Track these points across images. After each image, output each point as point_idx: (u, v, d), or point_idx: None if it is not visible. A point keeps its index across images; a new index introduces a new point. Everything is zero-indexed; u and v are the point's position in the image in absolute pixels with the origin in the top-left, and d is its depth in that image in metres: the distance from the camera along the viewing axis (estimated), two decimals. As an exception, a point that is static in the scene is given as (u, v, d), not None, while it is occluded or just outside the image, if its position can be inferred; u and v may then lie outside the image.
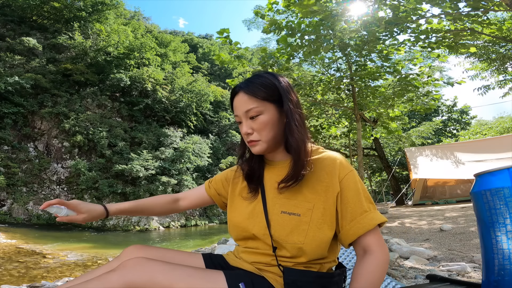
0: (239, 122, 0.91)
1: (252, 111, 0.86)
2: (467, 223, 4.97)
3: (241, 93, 0.88)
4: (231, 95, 0.93)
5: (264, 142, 0.87)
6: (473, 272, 2.38)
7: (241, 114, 0.88)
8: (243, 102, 0.87)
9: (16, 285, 4.20)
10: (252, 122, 0.87)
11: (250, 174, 0.95)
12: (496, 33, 5.85)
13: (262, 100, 0.86)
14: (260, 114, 0.86)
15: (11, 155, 17.87)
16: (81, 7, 24.75)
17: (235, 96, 0.90)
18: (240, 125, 0.90)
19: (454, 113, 26.48)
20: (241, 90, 0.88)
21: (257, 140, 0.87)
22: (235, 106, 0.90)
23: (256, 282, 0.83)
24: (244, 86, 0.88)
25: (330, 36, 6.14)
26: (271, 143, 0.89)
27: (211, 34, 58.71)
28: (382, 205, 15.29)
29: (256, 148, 0.88)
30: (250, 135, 0.88)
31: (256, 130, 0.87)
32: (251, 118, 0.87)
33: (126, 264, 0.75)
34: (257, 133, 0.87)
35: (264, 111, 0.86)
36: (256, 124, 0.86)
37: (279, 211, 0.85)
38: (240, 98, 0.88)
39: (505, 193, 0.70)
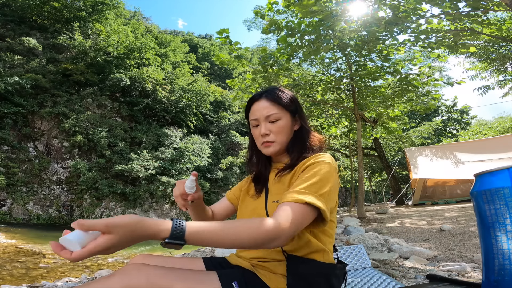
0: (255, 125, 1.02)
1: (273, 116, 0.99)
2: (467, 223, 4.97)
3: (262, 100, 1.01)
4: (249, 102, 1.04)
5: (278, 144, 1.00)
6: (473, 272, 2.38)
7: (261, 118, 1.00)
8: (265, 107, 1.00)
9: (16, 285, 4.20)
10: (271, 125, 0.99)
11: (257, 176, 1.08)
12: (496, 33, 5.85)
13: (282, 107, 1.00)
14: (279, 119, 0.99)
15: (11, 155, 17.87)
16: (81, 7, 24.74)
17: (254, 102, 1.03)
18: (256, 128, 1.02)
19: (454, 113, 26.48)
20: (264, 97, 1.01)
21: (273, 141, 0.99)
22: (255, 109, 1.02)
23: (249, 280, 0.87)
24: (266, 94, 1.02)
25: (330, 36, 6.14)
26: (283, 146, 1.01)
27: (211, 34, 58.74)
28: (382, 205, 15.29)
29: (270, 149, 1.00)
30: (267, 136, 0.99)
31: (274, 132, 0.99)
32: (270, 122, 0.99)
33: (125, 269, 0.79)
34: (274, 135, 0.99)
35: (282, 117, 1.00)
36: (275, 127, 0.99)
37: (271, 201, 0.97)
38: (262, 104, 1.00)
39: (505, 193, 0.70)
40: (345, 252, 2.19)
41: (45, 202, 17.71)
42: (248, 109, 1.05)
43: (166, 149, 21.79)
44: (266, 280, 0.87)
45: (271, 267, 0.90)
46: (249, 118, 1.04)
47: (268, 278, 0.88)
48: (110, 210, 18.33)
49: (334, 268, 0.89)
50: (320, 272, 0.87)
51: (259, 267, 0.91)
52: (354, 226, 5.22)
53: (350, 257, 2.15)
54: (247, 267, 0.92)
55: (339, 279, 0.91)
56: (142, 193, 18.93)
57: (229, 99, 31.23)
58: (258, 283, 0.87)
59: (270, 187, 1.02)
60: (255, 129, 1.03)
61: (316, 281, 0.86)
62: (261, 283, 0.87)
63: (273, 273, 0.89)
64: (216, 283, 0.81)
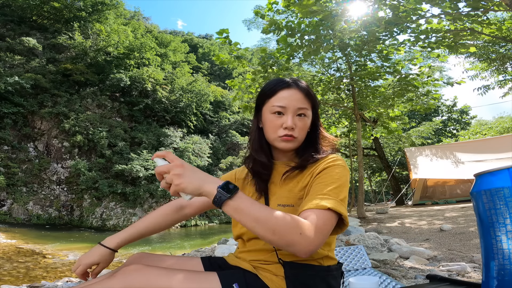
0: (278, 112, 0.91)
1: (304, 110, 0.92)
2: (467, 223, 4.97)
3: (295, 89, 0.92)
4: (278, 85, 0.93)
5: (298, 141, 0.93)
6: (473, 272, 2.38)
7: (291, 107, 0.90)
8: (300, 98, 0.92)
9: (16, 285, 4.20)
10: (298, 120, 0.91)
11: (259, 173, 0.97)
12: (496, 33, 5.85)
13: (312, 104, 0.95)
14: (306, 115, 0.93)
15: (11, 155, 17.87)
16: (81, 7, 24.74)
17: (284, 88, 0.93)
18: (279, 116, 0.91)
19: (454, 113, 26.48)
20: (299, 87, 0.93)
21: (296, 136, 0.91)
22: (284, 96, 0.91)
23: (250, 281, 0.85)
24: (299, 84, 0.94)
25: (330, 36, 6.14)
26: (300, 144, 0.95)
27: (211, 34, 58.73)
28: (382, 205, 15.29)
29: (290, 144, 0.92)
30: (292, 130, 0.90)
31: (298, 128, 0.91)
32: (298, 116, 0.91)
33: (126, 270, 0.79)
34: (298, 131, 0.91)
35: (308, 114, 0.94)
36: (301, 123, 0.92)
37: (275, 205, 0.90)
38: (296, 94, 0.92)
39: (505, 193, 0.70)
40: (345, 252, 2.19)
41: (45, 202, 17.71)
42: (272, 93, 0.93)
43: (166, 149, 21.78)
44: (268, 282, 0.86)
45: (272, 269, 0.88)
46: (272, 103, 0.92)
47: (269, 280, 0.87)
48: (110, 210, 18.33)
49: (331, 270, 0.88)
50: (318, 275, 0.86)
51: (261, 269, 0.90)
52: (354, 226, 5.22)
53: (350, 257, 2.15)
54: (248, 268, 0.91)
55: (337, 279, 0.90)
56: (142, 193, 18.93)
57: (229, 99, 31.23)
58: (260, 285, 0.86)
59: (272, 188, 0.95)
60: (276, 117, 0.91)
61: (315, 284, 0.85)
62: (263, 284, 0.86)
63: (274, 275, 0.87)
64: (217, 284, 0.80)
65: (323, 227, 0.73)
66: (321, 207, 0.75)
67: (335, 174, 0.84)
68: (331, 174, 0.84)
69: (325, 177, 0.84)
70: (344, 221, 0.80)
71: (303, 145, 0.96)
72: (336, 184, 0.82)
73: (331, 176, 0.84)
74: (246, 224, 0.70)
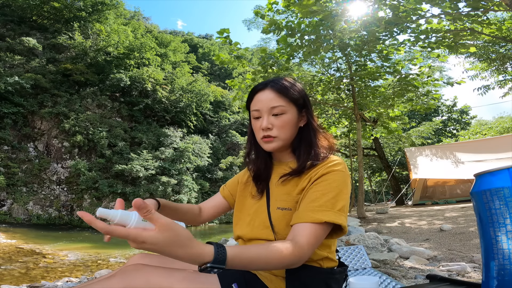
0: (257, 117, 0.92)
1: (278, 108, 0.89)
2: (467, 223, 4.97)
3: (268, 90, 0.91)
4: (252, 91, 0.94)
5: (280, 140, 0.91)
6: (473, 272, 2.38)
7: (264, 109, 0.90)
8: (270, 98, 0.90)
9: (16, 285, 4.20)
10: (274, 119, 0.90)
11: (257, 174, 0.99)
12: (496, 33, 5.85)
13: (288, 100, 0.90)
14: (284, 113, 0.90)
15: (11, 155, 17.88)
16: (81, 7, 24.75)
17: (259, 91, 0.93)
18: (258, 120, 0.92)
19: (454, 113, 26.47)
20: (269, 87, 0.91)
21: (275, 136, 0.90)
22: (258, 100, 0.92)
23: (249, 281, 0.86)
24: (272, 84, 0.92)
25: (330, 36, 6.14)
26: (286, 142, 0.93)
27: (211, 34, 58.73)
28: (382, 205, 15.29)
29: (271, 145, 0.91)
30: (269, 131, 0.90)
31: (277, 127, 0.90)
32: (274, 115, 0.90)
33: (125, 270, 0.79)
34: (277, 130, 0.90)
35: (288, 111, 0.90)
36: (278, 121, 0.90)
37: (275, 208, 0.91)
38: (267, 94, 0.91)
39: (505, 193, 0.70)
40: (345, 252, 2.19)
41: (45, 202, 17.71)
42: (251, 99, 0.95)
43: (166, 149, 21.79)
44: (267, 282, 0.87)
45: (275, 271, 0.88)
46: (251, 109, 0.94)
47: (269, 280, 0.87)
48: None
49: (333, 273, 0.88)
50: (319, 277, 0.86)
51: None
52: (354, 226, 5.22)
53: (350, 257, 2.15)
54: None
55: (339, 282, 0.90)
56: (142, 193, 18.93)
57: (229, 99, 31.23)
58: (259, 284, 0.86)
59: (272, 189, 0.95)
60: (256, 121, 0.93)
61: (315, 285, 0.85)
62: (262, 284, 0.86)
63: (273, 275, 0.88)
64: (216, 284, 0.81)
65: (315, 242, 0.77)
66: (316, 221, 0.77)
67: (332, 182, 0.84)
68: (329, 182, 0.84)
69: (323, 185, 0.83)
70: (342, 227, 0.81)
71: (296, 143, 0.94)
72: (334, 193, 0.82)
73: (329, 184, 0.83)
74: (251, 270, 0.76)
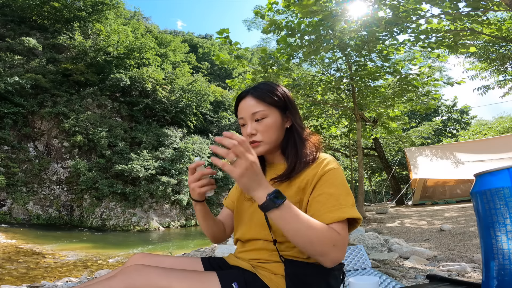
0: (243, 124, 0.97)
1: (258, 113, 0.93)
2: (467, 223, 4.97)
3: (248, 97, 0.96)
4: (237, 100, 0.99)
5: (266, 143, 0.94)
6: (473, 272, 2.38)
7: (247, 116, 0.94)
8: (251, 105, 0.94)
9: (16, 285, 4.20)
10: (257, 124, 0.94)
11: None
12: (496, 33, 5.85)
13: (268, 104, 0.94)
14: (265, 117, 0.93)
15: (11, 155, 17.87)
16: (81, 7, 24.74)
17: (241, 100, 0.97)
18: (244, 127, 0.96)
19: (454, 113, 26.46)
20: (249, 94, 0.96)
21: (260, 141, 0.93)
22: (241, 108, 0.97)
23: (249, 281, 0.86)
24: (252, 91, 0.96)
25: (330, 36, 6.14)
26: (272, 145, 0.95)
27: (211, 34, 58.70)
28: (382, 205, 15.29)
29: (258, 149, 0.94)
30: (254, 136, 0.93)
31: (260, 131, 0.93)
32: (256, 121, 0.94)
33: (126, 270, 0.80)
34: (261, 135, 0.93)
35: (269, 114, 0.94)
36: (261, 126, 0.93)
37: None
38: (248, 102, 0.95)
39: (505, 193, 0.70)
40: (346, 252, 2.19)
41: (45, 202, 17.71)
42: (236, 109, 1.00)
43: (166, 149, 21.79)
44: (267, 281, 0.87)
45: (271, 268, 0.89)
46: (237, 117, 0.99)
47: (268, 279, 0.87)
48: (110, 210, 18.33)
49: (332, 270, 0.88)
50: (319, 274, 0.86)
51: (260, 268, 0.91)
52: (354, 226, 5.20)
53: (350, 257, 2.15)
54: (247, 267, 0.92)
55: (338, 279, 0.91)
56: (142, 193, 18.93)
57: (229, 99, 31.24)
58: (259, 284, 0.86)
59: None
60: (243, 129, 0.97)
61: (315, 283, 0.85)
62: (262, 283, 0.87)
63: (273, 274, 0.88)
64: (216, 283, 0.81)
65: (347, 238, 0.82)
66: (338, 219, 0.81)
67: (334, 180, 0.87)
68: (333, 183, 0.87)
69: (327, 186, 0.86)
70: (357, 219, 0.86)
71: (285, 146, 0.97)
72: (340, 190, 0.86)
73: (332, 183, 0.87)
74: (287, 233, 0.76)
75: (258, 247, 0.93)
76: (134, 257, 0.99)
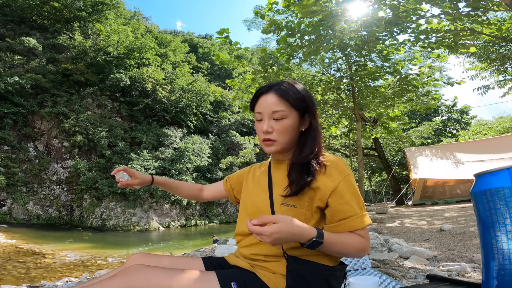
0: (259, 119, 0.96)
1: (279, 113, 0.91)
2: (467, 223, 4.97)
3: (271, 93, 0.93)
4: (257, 93, 0.97)
5: (279, 143, 0.94)
6: (473, 272, 2.38)
7: (266, 112, 0.93)
8: (272, 102, 0.92)
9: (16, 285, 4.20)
10: (274, 123, 0.92)
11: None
12: (496, 33, 5.85)
13: (290, 106, 0.92)
14: (285, 118, 0.92)
15: (11, 155, 17.88)
16: (81, 7, 24.75)
17: (262, 94, 0.95)
18: (260, 122, 0.95)
19: (454, 113, 26.46)
20: (273, 90, 0.93)
21: (274, 140, 0.93)
22: (261, 103, 0.94)
23: (248, 280, 0.87)
24: (276, 88, 0.93)
25: (330, 36, 6.14)
26: (285, 146, 0.95)
27: (211, 34, 58.70)
28: (382, 205, 15.29)
29: (271, 148, 0.95)
30: (269, 134, 0.93)
31: (277, 131, 0.92)
32: (275, 119, 0.92)
33: (126, 270, 0.80)
34: (277, 134, 0.93)
35: (289, 115, 0.92)
36: (279, 126, 0.92)
37: (279, 204, 0.92)
38: (270, 98, 0.93)
39: (505, 193, 0.70)
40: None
41: (45, 202, 17.71)
42: (255, 101, 0.97)
43: (166, 149, 21.80)
44: (266, 280, 0.87)
45: (270, 267, 0.90)
46: (254, 110, 0.97)
47: (268, 278, 0.88)
48: (110, 210, 18.33)
49: (334, 270, 0.89)
50: (320, 274, 0.87)
51: (258, 267, 0.91)
52: (354, 226, 5.20)
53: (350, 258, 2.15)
54: (246, 267, 0.92)
55: (339, 280, 0.91)
56: (142, 193, 18.94)
57: (229, 99, 31.23)
58: (258, 283, 0.87)
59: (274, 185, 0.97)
60: (258, 123, 0.96)
61: (316, 282, 0.86)
62: (261, 283, 0.87)
63: (272, 273, 0.89)
64: (215, 283, 0.82)
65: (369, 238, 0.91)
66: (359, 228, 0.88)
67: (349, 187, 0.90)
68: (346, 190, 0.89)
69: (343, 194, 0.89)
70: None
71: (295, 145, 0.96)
72: (355, 197, 0.90)
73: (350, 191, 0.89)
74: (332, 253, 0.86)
75: (259, 241, 0.92)
76: (133, 257, 0.99)
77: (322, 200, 0.89)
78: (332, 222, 0.90)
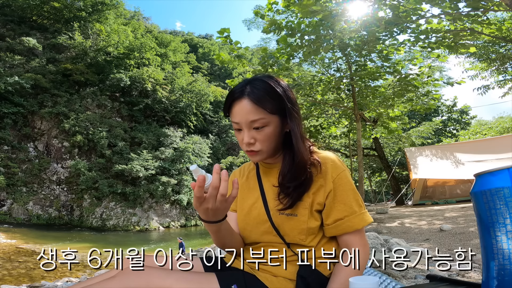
0: (238, 129, 0.86)
1: (258, 122, 0.82)
2: (467, 223, 4.97)
3: (246, 101, 0.82)
4: (229, 98, 0.86)
5: (265, 152, 0.86)
6: (473, 272, 2.38)
7: (243, 122, 0.83)
8: (248, 111, 0.82)
9: (16, 285, 4.20)
10: (255, 133, 0.83)
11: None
12: (496, 33, 5.85)
13: (269, 112, 0.82)
14: (265, 125, 0.83)
15: (11, 155, 17.88)
16: (81, 7, 24.74)
17: (236, 101, 0.84)
18: (239, 132, 0.86)
19: (454, 113, 26.45)
20: (246, 97, 0.82)
21: (258, 150, 0.85)
22: (236, 112, 0.84)
23: (249, 282, 0.86)
24: (250, 94, 0.82)
25: (330, 36, 6.14)
26: (271, 153, 0.89)
27: (211, 34, 58.67)
28: (382, 205, 15.29)
29: (257, 158, 0.88)
30: (252, 145, 0.85)
31: (259, 141, 0.84)
32: (255, 128, 0.83)
33: (126, 271, 0.80)
34: (260, 144, 0.84)
35: (269, 122, 0.83)
36: (261, 135, 0.84)
37: (277, 212, 0.89)
38: (245, 106, 0.82)
39: (505, 193, 0.70)
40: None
41: (45, 202, 17.71)
42: (228, 109, 0.86)
43: (166, 149, 21.79)
44: (267, 283, 0.86)
45: (272, 270, 0.89)
46: (230, 119, 0.87)
47: (269, 281, 0.87)
48: (110, 210, 18.33)
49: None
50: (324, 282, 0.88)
51: (260, 270, 0.90)
52: (354, 226, 5.19)
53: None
54: (246, 269, 0.91)
55: None
56: (142, 193, 18.93)
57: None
58: (259, 285, 0.86)
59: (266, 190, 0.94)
60: (238, 133, 0.87)
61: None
62: (262, 285, 0.86)
63: (274, 276, 0.88)
64: (215, 285, 0.81)
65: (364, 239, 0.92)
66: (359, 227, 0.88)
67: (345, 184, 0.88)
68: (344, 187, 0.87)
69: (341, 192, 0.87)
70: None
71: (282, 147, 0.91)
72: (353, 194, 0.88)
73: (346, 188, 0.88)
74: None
75: (259, 244, 0.94)
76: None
77: (320, 204, 0.88)
78: (329, 223, 0.88)
